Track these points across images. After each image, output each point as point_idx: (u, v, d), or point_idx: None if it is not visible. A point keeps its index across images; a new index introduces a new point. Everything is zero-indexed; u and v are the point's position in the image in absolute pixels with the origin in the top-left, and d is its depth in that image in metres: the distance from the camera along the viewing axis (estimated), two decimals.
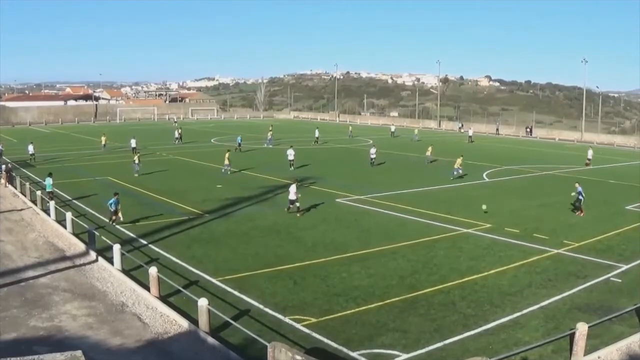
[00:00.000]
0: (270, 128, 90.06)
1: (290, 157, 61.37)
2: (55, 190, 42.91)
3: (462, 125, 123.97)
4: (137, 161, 55.13)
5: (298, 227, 34.69)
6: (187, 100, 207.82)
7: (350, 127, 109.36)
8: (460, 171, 54.95)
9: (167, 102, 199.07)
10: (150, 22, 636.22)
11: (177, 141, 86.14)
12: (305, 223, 36.13)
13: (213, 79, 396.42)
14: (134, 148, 70.64)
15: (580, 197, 39.81)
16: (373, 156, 64.07)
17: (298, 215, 38.06)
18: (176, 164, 62.88)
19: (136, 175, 52.96)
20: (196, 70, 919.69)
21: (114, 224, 35.04)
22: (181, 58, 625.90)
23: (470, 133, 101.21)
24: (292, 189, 38.75)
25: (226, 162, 56.60)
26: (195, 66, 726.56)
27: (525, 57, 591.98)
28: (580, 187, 40.29)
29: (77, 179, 52.66)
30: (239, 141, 77.14)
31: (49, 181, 41.65)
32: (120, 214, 35.37)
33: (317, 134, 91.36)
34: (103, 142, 77.18)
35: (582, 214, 39.34)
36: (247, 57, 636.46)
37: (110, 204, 35.45)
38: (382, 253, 29.92)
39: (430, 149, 68.11)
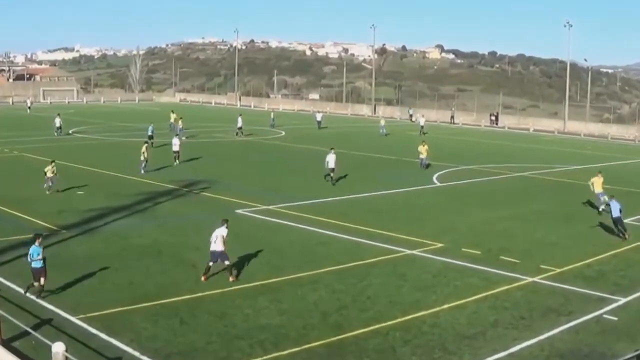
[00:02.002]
0: (175, 116, 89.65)
1: (175, 148, 62.53)
2: None
3: (412, 113, 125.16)
4: (49, 174, 49.02)
5: (187, 247, 34.46)
6: (37, 77, 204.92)
7: (273, 114, 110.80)
8: (606, 197, 43.77)
9: (11, 80, 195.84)
10: None
11: (58, 132, 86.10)
12: (196, 242, 35.63)
13: (72, 50, 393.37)
14: None
15: (612, 213, 38.20)
16: (332, 166, 54.46)
17: (231, 279, 29.87)
18: (23, 163, 61.89)
19: (48, 192, 48.61)
20: (50, 39, 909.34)
21: (39, 297, 26.94)
22: (29, 22, 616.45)
23: (422, 122, 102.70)
24: (221, 232, 30.33)
25: (142, 157, 56.73)
26: (48, 33, 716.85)
27: (490, 22, 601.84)
28: (617, 201, 38.79)
29: None
30: (151, 132, 75.76)
31: None
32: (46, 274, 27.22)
33: (239, 122, 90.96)
34: None
35: (626, 237, 38.01)
36: (118, 22, 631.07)
37: (34, 256, 27.04)
38: (299, 282, 29.98)
39: (424, 148, 64.48)
